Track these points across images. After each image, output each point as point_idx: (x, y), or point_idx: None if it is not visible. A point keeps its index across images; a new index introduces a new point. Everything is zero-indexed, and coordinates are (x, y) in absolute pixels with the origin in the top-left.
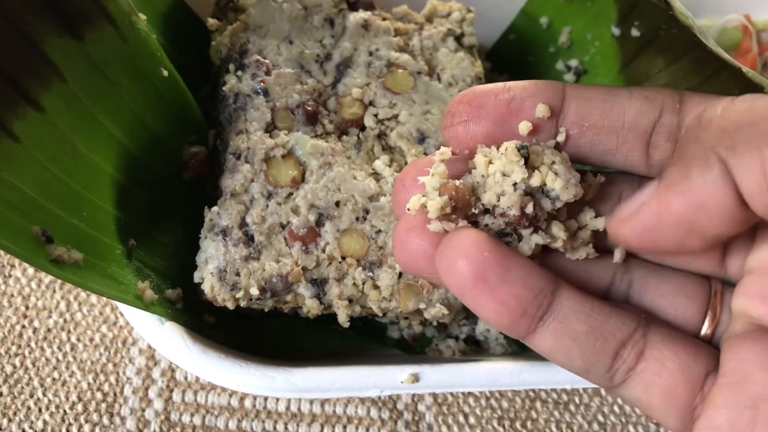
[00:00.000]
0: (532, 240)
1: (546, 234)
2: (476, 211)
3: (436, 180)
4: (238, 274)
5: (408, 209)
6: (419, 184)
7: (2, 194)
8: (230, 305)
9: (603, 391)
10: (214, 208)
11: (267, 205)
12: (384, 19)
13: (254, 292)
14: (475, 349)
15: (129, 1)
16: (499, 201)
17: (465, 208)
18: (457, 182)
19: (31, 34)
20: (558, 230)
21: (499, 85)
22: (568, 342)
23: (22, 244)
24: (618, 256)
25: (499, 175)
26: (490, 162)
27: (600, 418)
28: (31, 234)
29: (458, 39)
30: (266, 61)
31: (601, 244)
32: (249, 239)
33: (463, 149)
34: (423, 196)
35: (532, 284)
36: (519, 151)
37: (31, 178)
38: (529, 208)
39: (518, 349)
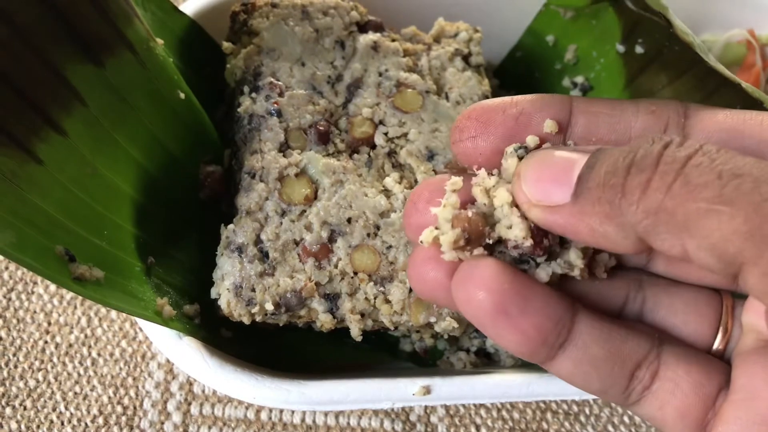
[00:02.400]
0: (549, 268)
1: (564, 262)
2: (491, 241)
3: (449, 211)
4: (253, 290)
5: (421, 242)
6: (432, 214)
7: (27, 215)
8: (246, 320)
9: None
10: (230, 226)
11: (281, 223)
12: (393, 40)
13: (269, 307)
14: (486, 361)
15: (147, 27)
16: (510, 233)
17: (479, 239)
18: (470, 213)
19: (54, 61)
20: (576, 257)
21: (507, 99)
22: (587, 367)
23: (45, 263)
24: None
25: (507, 208)
26: (487, 191)
27: (610, 428)
28: (55, 253)
29: (466, 58)
30: (279, 82)
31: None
32: (264, 256)
33: (472, 164)
34: (436, 228)
35: (552, 313)
36: (516, 151)
37: (54, 199)
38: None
39: (528, 362)
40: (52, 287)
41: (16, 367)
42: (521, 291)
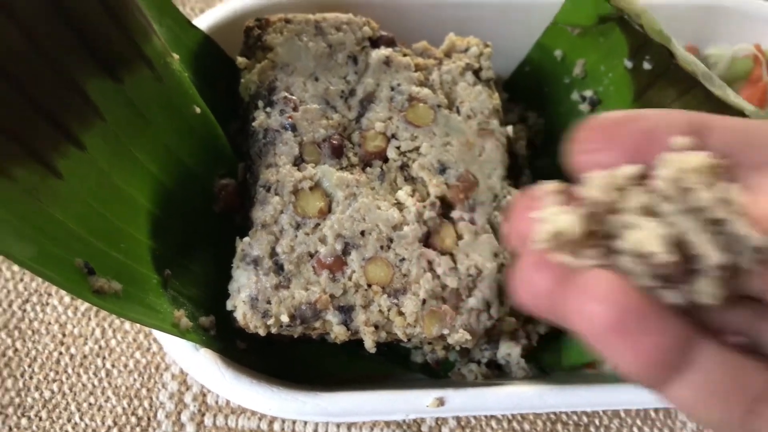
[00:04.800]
0: (682, 292)
1: (698, 288)
2: (609, 250)
3: (564, 212)
4: (269, 302)
5: (534, 241)
6: (541, 217)
7: (47, 229)
8: (262, 332)
9: (623, 413)
10: (246, 239)
11: (296, 235)
12: (405, 55)
13: (284, 319)
14: (497, 373)
15: (164, 43)
16: (642, 244)
17: (594, 244)
18: (587, 212)
19: (75, 76)
20: (710, 286)
21: (633, 112)
22: (707, 396)
23: (66, 276)
24: None
25: (641, 215)
26: (613, 191)
27: None
28: (75, 266)
29: (476, 73)
30: (293, 97)
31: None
32: (279, 268)
33: None
34: (548, 229)
35: (673, 334)
36: (710, 169)
37: (73, 212)
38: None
39: (539, 373)
40: (67, 299)
41: (31, 378)
42: (642, 307)
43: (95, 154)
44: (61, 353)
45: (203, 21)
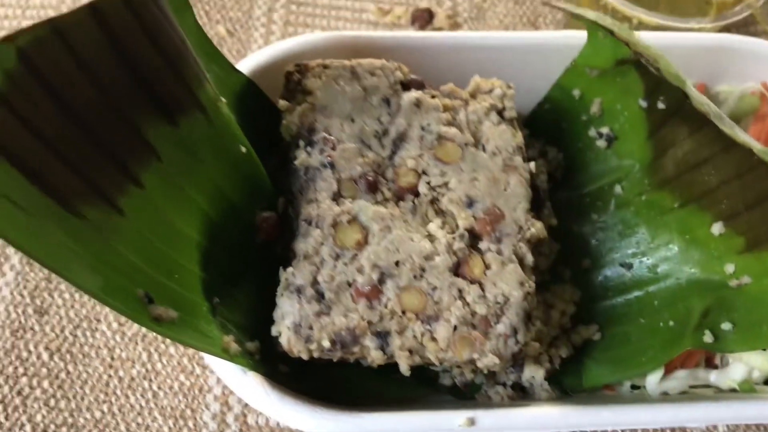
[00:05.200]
0: None
1: None
2: None
3: None
4: (311, 328)
5: None
6: None
7: (112, 262)
8: (305, 356)
9: None
10: (289, 269)
11: (335, 266)
12: (433, 96)
13: (326, 344)
14: (521, 395)
15: (214, 89)
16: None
17: None
18: None
19: (137, 122)
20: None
21: None
22: None
23: (129, 305)
24: None
25: None
26: None
27: None
28: (136, 296)
29: (500, 113)
30: (332, 137)
31: None
32: (320, 296)
33: None
34: None
35: None
36: None
37: (134, 247)
38: None
39: (561, 395)
40: (115, 324)
41: (82, 399)
42: None
43: (152, 192)
44: (110, 376)
45: (245, 65)
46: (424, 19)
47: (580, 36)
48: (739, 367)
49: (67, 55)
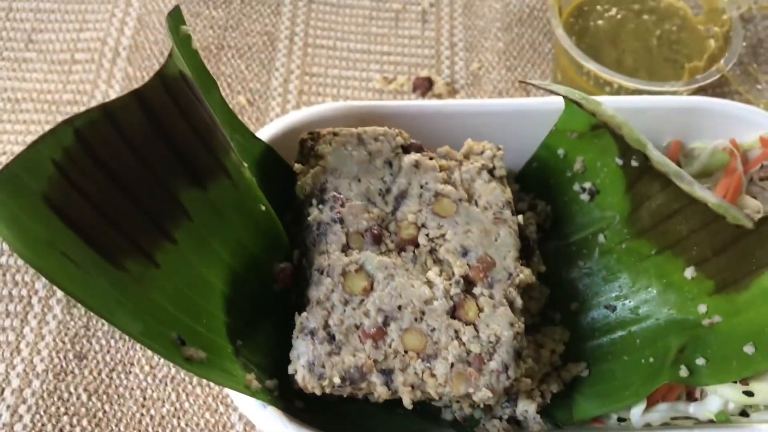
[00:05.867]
0: None
1: None
2: None
3: None
4: (323, 367)
5: None
6: None
7: (150, 309)
8: (318, 392)
9: None
10: (304, 314)
11: (344, 310)
12: (431, 158)
13: (337, 380)
14: (516, 428)
15: (238, 156)
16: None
17: None
18: None
19: (171, 186)
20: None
21: None
22: None
23: (164, 346)
24: None
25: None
26: None
27: None
28: (170, 339)
29: (490, 172)
30: (341, 196)
31: None
32: (331, 338)
33: None
34: None
35: None
36: None
37: (168, 295)
38: None
39: (553, 428)
40: (147, 368)
41: None
42: None
43: (184, 247)
44: (142, 414)
45: (264, 133)
46: (424, 86)
47: (561, 100)
48: (715, 399)
49: (115, 133)
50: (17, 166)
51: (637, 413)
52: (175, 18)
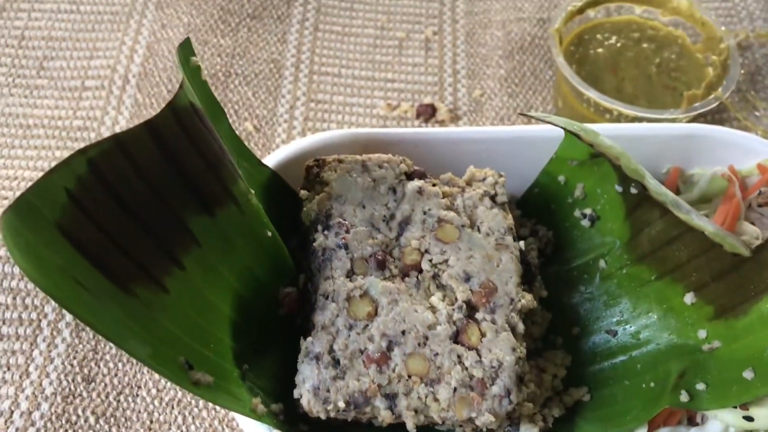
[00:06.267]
0: None
1: None
2: None
3: None
4: (328, 391)
5: None
6: None
7: (159, 334)
8: (323, 416)
9: None
10: (309, 339)
11: (349, 335)
12: (434, 185)
13: (341, 405)
14: None
15: (246, 184)
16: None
17: None
18: None
19: (181, 214)
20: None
21: None
22: None
23: (172, 371)
24: None
25: None
26: None
27: None
28: (178, 363)
29: (492, 198)
30: (345, 222)
31: None
32: (336, 363)
33: None
34: None
35: None
36: None
37: (177, 320)
38: None
39: None
40: (153, 391)
41: None
42: None
43: (192, 273)
44: None
45: (270, 160)
46: (428, 113)
47: (561, 129)
48: (716, 424)
49: (127, 163)
50: (32, 195)
51: None
52: (185, 50)
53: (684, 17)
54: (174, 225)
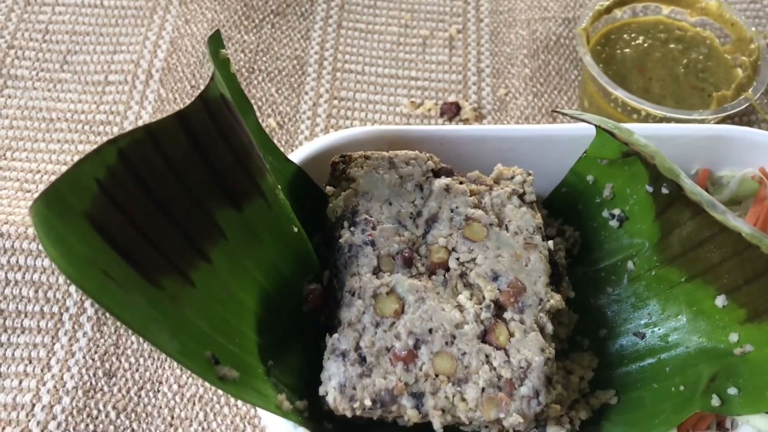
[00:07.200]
0: None
1: None
2: None
3: None
4: (354, 389)
5: None
6: None
7: (185, 328)
8: (348, 414)
9: None
10: (335, 335)
11: (375, 332)
12: (461, 182)
13: (368, 403)
14: None
15: (273, 178)
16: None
17: None
18: None
19: (208, 207)
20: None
21: None
22: None
23: (199, 365)
24: None
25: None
26: None
27: None
28: (205, 357)
29: (521, 197)
30: (372, 219)
31: None
32: (362, 360)
33: None
34: None
35: None
36: None
37: (203, 314)
38: None
39: None
40: (175, 386)
41: None
42: None
43: (219, 266)
44: None
45: (296, 156)
46: (452, 111)
47: (590, 127)
48: (747, 429)
49: (157, 154)
50: (62, 185)
51: None
52: (215, 42)
53: (713, 18)
54: (202, 217)
